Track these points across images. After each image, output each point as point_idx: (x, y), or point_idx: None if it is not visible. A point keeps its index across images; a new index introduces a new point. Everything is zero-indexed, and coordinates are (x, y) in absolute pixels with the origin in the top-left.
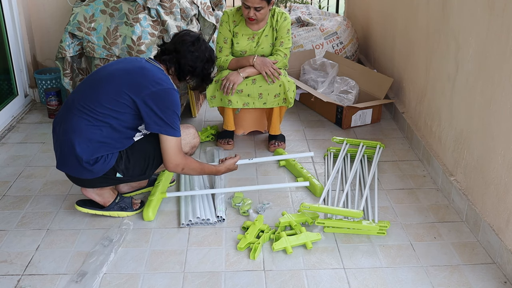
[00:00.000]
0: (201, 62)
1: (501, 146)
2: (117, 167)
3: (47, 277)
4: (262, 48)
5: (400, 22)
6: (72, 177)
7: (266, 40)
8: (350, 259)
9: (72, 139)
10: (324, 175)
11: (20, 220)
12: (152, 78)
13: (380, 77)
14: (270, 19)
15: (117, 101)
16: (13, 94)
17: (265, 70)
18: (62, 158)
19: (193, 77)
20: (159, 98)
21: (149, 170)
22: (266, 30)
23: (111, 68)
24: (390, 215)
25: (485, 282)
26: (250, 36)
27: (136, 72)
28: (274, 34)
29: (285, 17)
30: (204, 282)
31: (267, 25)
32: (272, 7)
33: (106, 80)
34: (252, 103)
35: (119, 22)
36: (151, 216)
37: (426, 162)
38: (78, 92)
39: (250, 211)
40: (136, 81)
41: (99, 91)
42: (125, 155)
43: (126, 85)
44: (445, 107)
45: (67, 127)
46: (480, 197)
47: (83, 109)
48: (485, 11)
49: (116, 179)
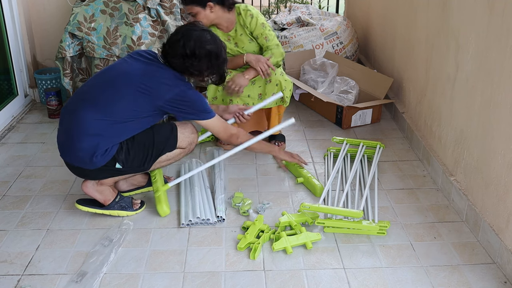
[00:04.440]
0: (215, 59)
1: (501, 146)
2: (117, 157)
3: (47, 277)
4: (243, 47)
5: (400, 22)
6: (72, 166)
7: (243, 38)
8: (350, 259)
9: (79, 131)
10: (324, 175)
11: (20, 220)
12: (165, 82)
13: (380, 77)
14: (237, 18)
15: (135, 111)
16: (13, 94)
17: (260, 66)
18: (65, 147)
19: (210, 76)
20: (180, 102)
21: (148, 162)
22: (238, 30)
23: (127, 68)
24: (390, 215)
25: (485, 282)
26: (225, 38)
27: (150, 77)
28: (246, 30)
29: (250, 15)
30: (204, 282)
31: (236, 24)
32: (237, 6)
33: (123, 82)
34: (251, 103)
35: (119, 22)
36: (166, 210)
37: (426, 162)
38: (93, 86)
39: (250, 211)
40: (153, 89)
41: (114, 98)
42: (126, 146)
43: (142, 95)
44: (445, 107)
45: (77, 118)
46: (480, 197)
47: (97, 106)
48: (485, 11)
49: (115, 170)
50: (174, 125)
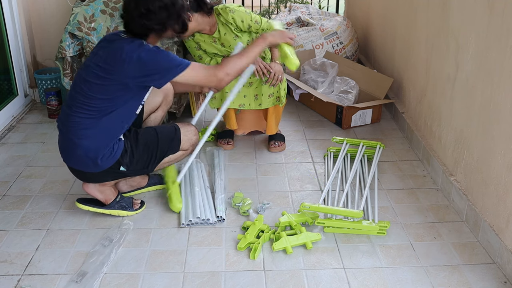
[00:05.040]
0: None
1: (501, 146)
2: (122, 161)
3: (47, 277)
4: (230, 46)
5: (400, 22)
6: (75, 170)
7: (227, 37)
8: (350, 259)
9: (75, 137)
10: (324, 175)
11: (20, 220)
12: (120, 58)
13: (380, 77)
14: (217, 18)
15: (111, 98)
16: (13, 94)
17: (255, 67)
18: (67, 153)
19: (168, 26)
20: (144, 69)
21: (152, 164)
22: (221, 30)
23: (91, 60)
24: (390, 215)
25: (485, 282)
26: (211, 41)
27: (112, 57)
28: (231, 27)
29: (230, 10)
30: (204, 282)
31: (218, 25)
32: (215, 8)
33: (90, 75)
34: (248, 104)
35: (119, 22)
36: (179, 206)
37: (426, 162)
38: (72, 89)
39: (250, 211)
40: (113, 71)
41: (87, 94)
42: (130, 149)
43: (106, 80)
44: (445, 107)
45: (68, 124)
46: (480, 197)
47: (78, 104)
48: (485, 11)
49: (120, 173)
50: (177, 127)
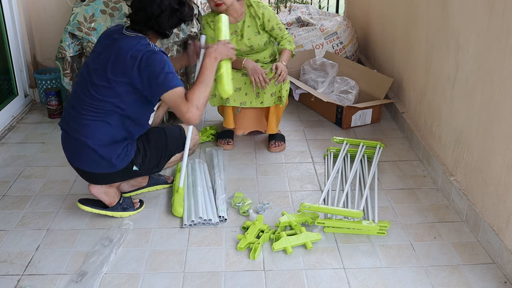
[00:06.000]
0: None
1: (501, 146)
2: (135, 160)
3: (47, 277)
4: (249, 39)
5: (400, 22)
6: (83, 171)
7: (249, 30)
8: (350, 259)
9: (86, 138)
10: (324, 175)
11: (20, 220)
12: (131, 54)
13: (380, 77)
14: (247, 9)
15: (114, 91)
16: (13, 94)
17: (255, 77)
18: (77, 155)
19: (166, 22)
20: (145, 65)
21: (162, 163)
22: (246, 21)
23: (92, 62)
24: (390, 215)
25: (485, 282)
26: (232, 31)
27: (115, 58)
28: (257, 22)
29: (263, 6)
30: (204, 282)
31: (245, 15)
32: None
33: (94, 73)
34: (249, 102)
35: (119, 22)
36: (180, 211)
37: (426, 162)
38: (77, 90)
39: (250, 211)
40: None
41: (91, 88)
42: (143, 149)
43: (112, 73)
44: (445, 107)
45: (77, 127)
46: (480, 197)
47: (85, 106)
48: (485, 11)
49: (131, 172)
50: (181, 127)
